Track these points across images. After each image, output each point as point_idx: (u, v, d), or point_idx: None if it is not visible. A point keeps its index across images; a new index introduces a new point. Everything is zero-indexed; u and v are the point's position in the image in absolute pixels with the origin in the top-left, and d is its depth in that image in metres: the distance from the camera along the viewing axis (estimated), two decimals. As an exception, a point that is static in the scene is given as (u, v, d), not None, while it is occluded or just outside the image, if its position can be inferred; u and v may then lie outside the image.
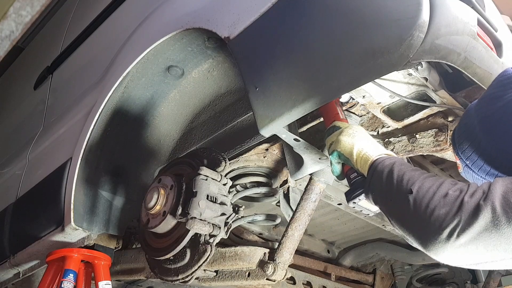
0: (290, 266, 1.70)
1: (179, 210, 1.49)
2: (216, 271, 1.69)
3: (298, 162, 1.57)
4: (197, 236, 1.53)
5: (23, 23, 3.69)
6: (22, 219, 2.34)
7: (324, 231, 2.57)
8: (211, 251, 1.51)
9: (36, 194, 2.24)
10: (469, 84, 1.37)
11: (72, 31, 2.67)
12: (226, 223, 1.54)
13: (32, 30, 3.65)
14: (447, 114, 1.50)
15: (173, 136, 2.03)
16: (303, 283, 2.24)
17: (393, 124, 1.57)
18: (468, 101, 1.44)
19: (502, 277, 2.67)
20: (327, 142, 1.36)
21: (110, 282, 1.89)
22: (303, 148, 1.47)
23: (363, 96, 1.43)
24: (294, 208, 1.68)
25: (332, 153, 1.32)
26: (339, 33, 1.15)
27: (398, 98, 1.44)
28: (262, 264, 1.59)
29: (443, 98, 1.41)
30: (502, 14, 1.54)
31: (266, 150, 1.73)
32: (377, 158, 1.18)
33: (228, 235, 1.57)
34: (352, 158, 1.24)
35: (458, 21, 1.12)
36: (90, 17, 2.41)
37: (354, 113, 1.59)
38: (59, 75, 2.62)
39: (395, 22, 1.05)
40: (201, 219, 1.45)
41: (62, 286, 1.79)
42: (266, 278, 1.58)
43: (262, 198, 1.89)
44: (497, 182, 0.90)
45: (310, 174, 1.61)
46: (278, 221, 1.75)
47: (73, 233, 1.91)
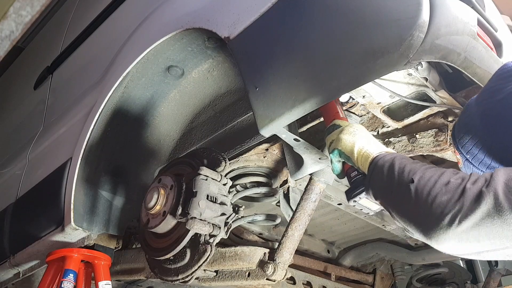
0: (290, 266, 1.70)
1: (179, 210, 1.49)
2: (216, 271, 1.69)
3: (298, 162, 1.57)
4: (197, 236, 1.53)
5: (23, 23, 3.69)
6: (22, 219, 2.34)
7: (324, 231, 2.57)
8: (211, 251, 1.51)
9: (36, 194, 2.24)
10: (469, 84, 1.37)
11: (72, 31, 2.67)
12: (226, 223, 1.54)
13: (32, 30, 3.65)
14: (447, 114, 1.50)
15: (173, 136, 2.03)
16: (303, 283, 2.24)
17: (393, 124, 1.57)
18: (468, 101, 1.44)
19: (502, 277, 2.67)
20: (327, 140, 1.35)
21: (110, 282, 1.89)
22: (303, 148, 1.47)
23: (363, 96, 1.43)
24: (294, 208, 1.68)
25: (332, 151, 1.31)
26: (339, 33, 1.15)
27: (398, 98, 1.44)
28: (262, 264, 1.59)
29: (443, 98, 1.41)
30: (502, 14, 1.54)
31: (266, 150, 1.74)
32: (377, 154, 1.18)
33: (228, 235, 1.57)
34: (353, 156, 1.24)
35: (458, 21, 1.12)
36: (90, 17, 2.41)
37: (354, 113, 1.59)
38: (59, 75, 2.62)
39: (395, 22, 1.05)
40: (201, 219, 1.45)
41: (62, 286, 1.79)
42: (266, 278, 1.58)
43: (262, 198, 1.89)
44: (499, 171, 0.90)
45: (310, 174, 1.61)
46: (278, 221, 1.75)
47: (73, 233, 1.91)
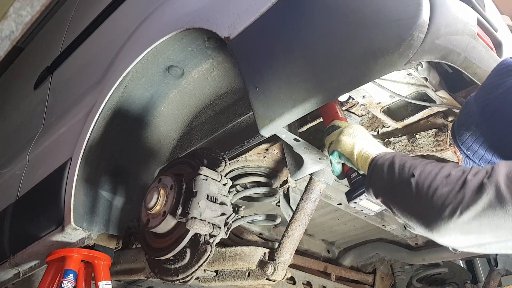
0: (290, 266, 1.70)
1: (179, 210, 1.49)
2: (216, 271, 1.69)
3: (298, 162, 1.57)
4: (197, 236, 1.53)
5: (23, 23, 3.69)
6: (22, 219, 2.34)
7: (324, 231, 2.57)
8: (211, 251, 1.51)
9: (36, 194, 2.24)
10: (469, 84, 1.37)
11: (72, 31, 2.67)
12: (226, 223, 1.54)
13: (32, 30, 3.65)
14: (447, 114, 1.50)
15: (173, 136, 2.03)
16: (303, 283, 2.24)
17: (393, 124, 1.57)
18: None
19: (502, 277, 2.67)
20: (327, 141, 1.35)
21: (110, 282, 1.89)
22: (303, 148, 1.47)
23: (363, 96, 1.43)
24: (294, 208, 1.68)
25: (332, 153, 1.31)
26: (339, 33, 1.15)
27: (398, 98, 1.44)
28: (262, 264, 1.59)
29: (443, 98, 1.41)
30: (502, 14, 1.54)
31: (266, 150, 1.73)
32: (377, 154, 1.18)
33: (228, 235, 1.57)
34: (352, 158, 1.24)
35: (458, 21, 1.12)
36: (90, 17, 2.41)
37: (354, 113, 1.59)
38: (59, 75, 2.62)
39: (395, 22, 1.05)
40: (201, 219, 1.45)
41: (62, 286, 1.79)
42: (266, 278, 1.58)
43: (262, 198, 1.89)
44: (500, 164, 0.89)
45: (310, 174, 1.61)
46: (278, 221, 1.75)
47: (73, 233, 1.91)
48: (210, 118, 1.91)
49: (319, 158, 1.52)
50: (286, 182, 1.82)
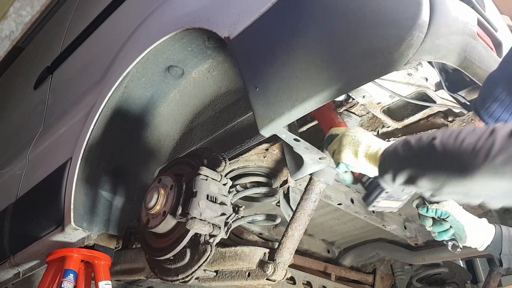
0: (290, 266, 1.70)
1: (179, 210, 1.49)
2: (216, 271, 1.69)
3: (298, 162, 1.57)
4: (197, 236, 1.53)
5: (23, 23, 3.69)
6: (22, 219, 2.33)
7: (324, 231, 2.57)
8: (211, 251, 1.51)
9: (36, 194, 2.24)
10: (469, 84, 1.37)
11: (72, 31, 2.67)
12: (226, 223, 1.54)
13: (32, 30, 3.65)
14: (447, 114, 1.50)
15: (173, 136, 2.03)
16: (303, 283, 2.24)
17: (393, 124, 1.57)
18: (468, 101, 1.44)
19: (502, 277, 2.67)
20: (329, 151, 1.33)
21: (110, 282, 1.89)
22: (303, 148, 1.46)
23: (363, 96, 1.43)
24: (294, 208, 1.68)
25: (337, 165, 1.28)
26: (339, 33, 1.15)
27: (398, 98, 1.44)
28: (262, 264, 1.59)
29: (443, 98, 1.41)
30: (502, 14, 1.54)
31: (266, 150, 1.73)
32: (384, 148, 1.16)
33: (228, 235, 1.57)
34: (359, 164, 1.22)
35: (458, 21, 1.12)
36: (90, 17, 2.41)
37: (354, 113, 1.59)
38: (59, 75, 2.62)
39: (395, 22, 1.05)
40: (201, 219, 1.45)
41: (62, 286, 1.79)
42: (266, 278, 1.58)
43: (262, 198, 1.89)
44: None
45: (310, 174, 1.61)
46: (278, 221, 1.75)
47: (73, 233, 1.91)
48: (210, 118, 1.91)
49: (319, 158, 1.52)
50: (286, 182, 1.82)
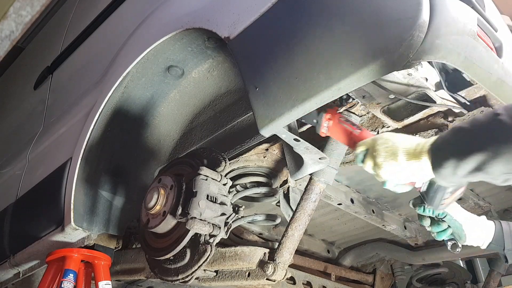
0: (290, 266, 1.70)
1: (179, 210, 1.49)
2: (216, 271, 1.69)
3: (298, 162, 1.57)
4: (197, 236, 1.53)
5: (23, 23, 3.69)
6: (22, 219, 2.33)
7: (324, 231, 2.57)
8: (211, 251, 1.51)
9: (36, 194, 2.24)
10: (469, 84, 1.37)
11: (72, 31, 2.67)
12: (226, 223, 1.54)
13: (32, 30, 3.65)
14: (447, 114, 1.50)
15: (173, 136, 2.03)
16: (303, 283, 2.24)
17: (393, 124, 1.57)
18: (468, 101, 1.44)
19: (502, 277, 2.67)
20: (367, 169, 1.20)
21: (110, 282, 1.89)
22: (303, 148, 1.46)
23: (363, 96, 1.43)
24: (294, 208, 1.68)
25: (384, 184, 1.18)
26: (339, 33, 1.15)
27: (398, 98, 1.44)
28: (262, 264, 1.59)
29: (443, 98, 1.41)
30: (502, 14, 1.54)
31: (266, 150, 1.73)
32: (430, 144, 1.06)
33: (228, 235, 1.57)
34: (403, 170, 1.10)
35: (458, 21, 1.12)
36: (90, 17, 2.41)
37: (354, 113, 1.59)
38: (59, 75, 2.62)
39: (395, 22, 1.05)
40: (201, 219, 1.45)
41: (62, 286, 1.79)
42: (266, 278, 1.58)
43: (262, 198, 1.89)
44: None
45: (310, 174, 1.61)
46: (278, 221, 1.75)
47: (73, 233, 1.91)
48: (210, 118, 1.91)
49: (319, 158, 1.52)
50: (286, 182, 1.82)
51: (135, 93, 1.89)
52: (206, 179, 1.51)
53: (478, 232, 1.37)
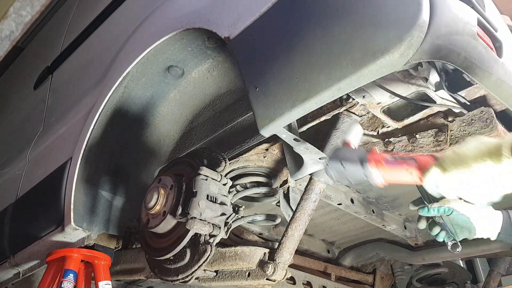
0: (290, 266, 1.70)
1: (179, 210, 1.49)
2: (216, 271, 1.69)
3: (298, 162, 1.57)
4: (197, 236, 1.53)
5: (23, 23, 3.69)
6: (22, 219, 2.33)
7: (324, 231, 2.57)
8: (211, 251, 1.51)
9: (36, 194, 2.24)
10: (469, 84, 1.37)
11: (72, 31, 2.67)
12: (226, 223, 1.54)
13: (32, 30, 3.65)
14: (447, 114, 1.50)
15: (173, 136, 2.03)
16: (303, 283, 2.24)
17: (393, 124, 1.57)
18: (468, 101, 1.44)
19: (502, 277, 2.67)
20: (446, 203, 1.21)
21: (110, 282, 1.89)
22: (303, 148, 1.46)
23: (363, 96, 1.43)
24: (294, 208, 1.68)
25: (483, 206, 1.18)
26: (339, 33, 1.15)
27: (398, 98, 1.44)
28: (262, 264, 1.59)
29: (443, 98, 1.41)
30: (502, 14, 1.54)
31: (266, 150, 1.74)
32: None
33: (228, 235, 1.57)
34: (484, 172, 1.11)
35: (458, 21, 1.12)
36: (90, 17, 2.41)
37: (354, 113, 1.59)
38: (59, 75, 2.62)
39: (395, 22, 1.05)
40: (201, 219, 1.45)
41: (62, 286, 1.79)
42: (266, 278, 1.58)
43: (262, 198, 1.89)
44: None
45: (310, 174, 1.61)
46: (278, 221, 1.75)
47: (73, 233, 1.91)
48: (210, 118, 1.91)
49: (319, 158, 1.52)
50: (286, 182, 1.82)
51: (135, 93, 1.89)
52: (206, 179, 1.51)
53: (486, 223, 1.34)
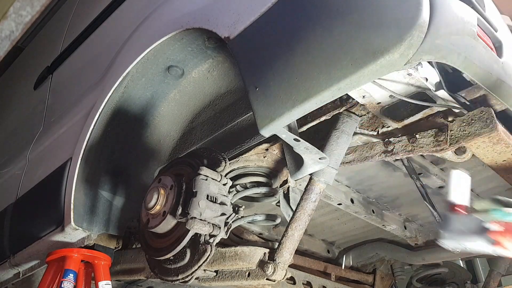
0: (290, 266, 1.70)
1: (179, 210, 1.49)
2: (216, 271, 1.69)
3: (298, 162, 1.57)
4: (197, 236, 1.53)
5: (23, 23, 3.69)
6: (22, 219, 2.34)
7: (324, 231, 2.57)
8: (211, 251, 1.51)
9: (36, 194, 2.25)
10: (469, 84, 1.37)
11: (72, 31, 2.67)
12: (226, 223, 1.54)
13: (32, 30, 3.65)
14: (447, 114, 1.50)
15: (173, 136, 2.03)
16: (303, 283, 2.24)
17: (393, 124, 1.57)
18: (468, 101, 1.44)
19: (502, 277, 2.67)
20: None
21: (110, 282, 1.89)
22: (303, 148, 1.46)
23: (363, 96, 1.43)
24: (294, 208, 1.68)
25: None
26: (339, 33, 1.15)
27: (398, 98, 1.44)
28: (262, 264, 1.59)
29: (443, 98, 1.41)
30: (502, 14, 1.54)
31: (266, 150, 1.73)
32: None
33: (228, 235, 1.57)
34: None
35: (458, 21, 1.12)
36: (90, 17, 2.41)
37: (354, 113, 1.59)
38: (59, 75, 2.62)
39: (395, 22, 1.05)
40: (201, 219, 1.45)
41: (62, 286, 1.79)
42: (266, 278, 1.58)
43: (262, 198, 1.89)
44: None
45: (310, 174, 1.61)
46: (278, 221, 1.75)
47: (73, 233, 1.91)
48: (210, 118, 1.91)
49: (319, 158, 1.52)
50: (286, 182, 1.82)
51: (135, 93, 1.89)
52: (206, 179, 1.51)
53: None
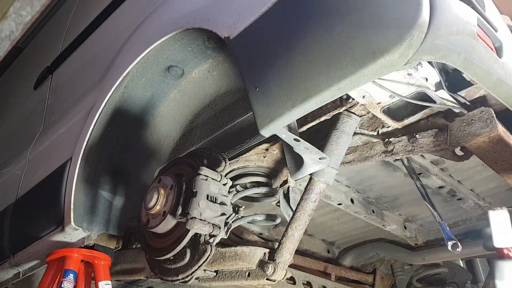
0: (290, 266, 1.70)
1: (179, 210, 1.49)
2: (216, 271, 1.69)
3: (298, 162, 1.57)
4: (197, 236, 1.53)
5: (23, 23, 3.69)
6: (22, 219, 2.34)
7: (324, 231, 2.57)
8: (211, 251, 1.51)
9: (36, 194, 2.25)
10: (469, 84, 1.37)
11: (72, 31, 2.67)
12: (226, 223, 1.54)
13: (32, 30, 3.65)
14: (447, 114, 1.50)
15: (173, 136, 2.03)
16: (303, 283, 2.24)
17: (393, 124, 1.57)
18: (468, 101, 1.44)
19: (502, 277, 2.67)
20: None
21: (110, 282, 1.89)
22: (303, 148, 1.46)
23: (363, 96, 1.43)
24: (294, 208, 1.68)
25: None
26: (339, 33, 1.15)
27: (398, 98, 1.44)
28: (262, 264, 1.59)
29: (443, 98, 1.41)
30: (502, 14, 1.54)
31: (266, 150, 1.74)
32: None
33: (228, 235, 1.57)
34: None
35: (458, 21, 1.12)
36: (90, 17, 2.41)
37: (354, 113, 1.59)
38: (59, 75, 2.63)
39: (395, 22, 1.05)
40: (201, 219, 1.45)
41: (62, 286, 1.79)
42: (266, 278, 1.58)
43: (262, 198, 1.89)
44: None
45: (310, 174, 1.61)
46: (278, 221, 1.75)
47: (73, 233, 1.91)
48: (210, 118, 1.91)
49: (319, 158, 1.52)
50: (286, 182, 1.82)
51: (135, 93, 1.89)
52: (206, 179, 1.51)
53: None
